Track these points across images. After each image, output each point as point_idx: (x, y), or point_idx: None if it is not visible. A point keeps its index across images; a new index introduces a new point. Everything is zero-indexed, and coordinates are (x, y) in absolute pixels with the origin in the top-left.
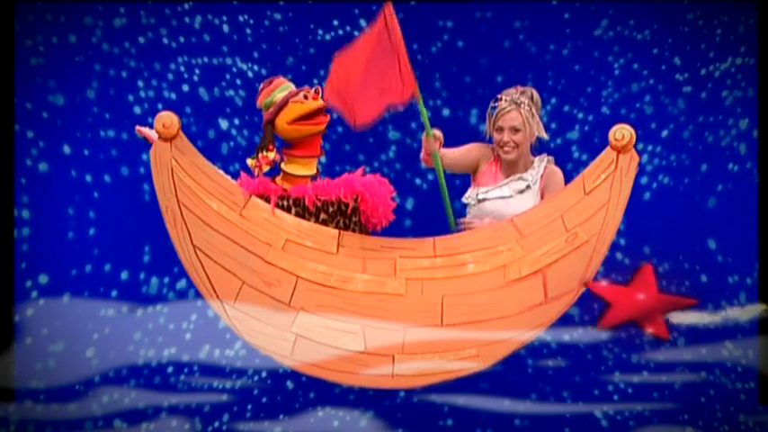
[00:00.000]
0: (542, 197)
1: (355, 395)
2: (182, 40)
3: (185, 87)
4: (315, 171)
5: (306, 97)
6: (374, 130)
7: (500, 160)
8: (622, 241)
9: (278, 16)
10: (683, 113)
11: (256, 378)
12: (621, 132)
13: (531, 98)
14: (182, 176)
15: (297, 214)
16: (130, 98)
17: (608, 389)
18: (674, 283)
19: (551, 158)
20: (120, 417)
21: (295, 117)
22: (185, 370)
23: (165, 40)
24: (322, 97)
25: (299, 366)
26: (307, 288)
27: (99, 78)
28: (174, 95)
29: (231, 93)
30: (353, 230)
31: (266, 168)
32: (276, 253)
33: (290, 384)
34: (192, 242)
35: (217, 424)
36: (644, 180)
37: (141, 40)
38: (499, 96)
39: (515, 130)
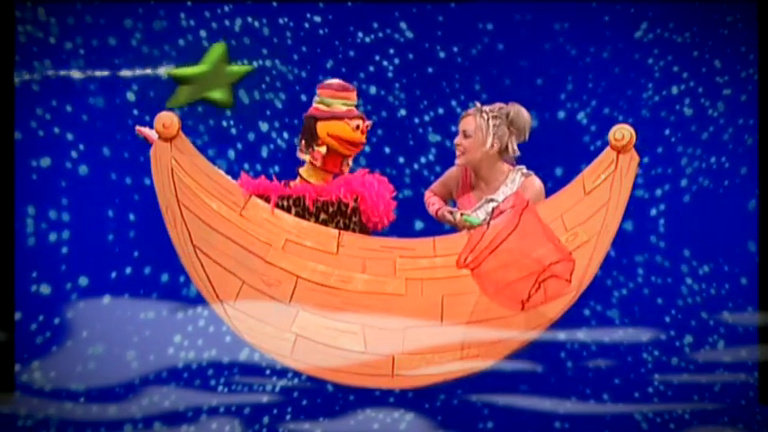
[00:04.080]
0: None
1: (395, 397)
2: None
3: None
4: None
5: (358, 127)
6: (414, 132)
7: (468, 178)
8: (662, 244)
9: (317, 19)
10: (723, 116)
11: (296, 380)
12: (621, 132)
13: (507, 116)
14: (182, 176)
15: (297, 214)
16: None
17: (648, 391)
18: (715, 286)
19: (529, 172)
20: (160, 419)
21: (338, 134)
22: (225, 372)
23: (205, 43)
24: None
25: (299, 366)
26: (307, 288)
27: (139, 81)
28: None
29: (271, 95)
30: (353, 230)
31: (318, 163)
32: (276, 253)
33: (329, 386)
34: (192, 242)
35: (257, 426)
36: (684, 182)
37: (181, 42)
38: (472, 103)
39: (465, 134)
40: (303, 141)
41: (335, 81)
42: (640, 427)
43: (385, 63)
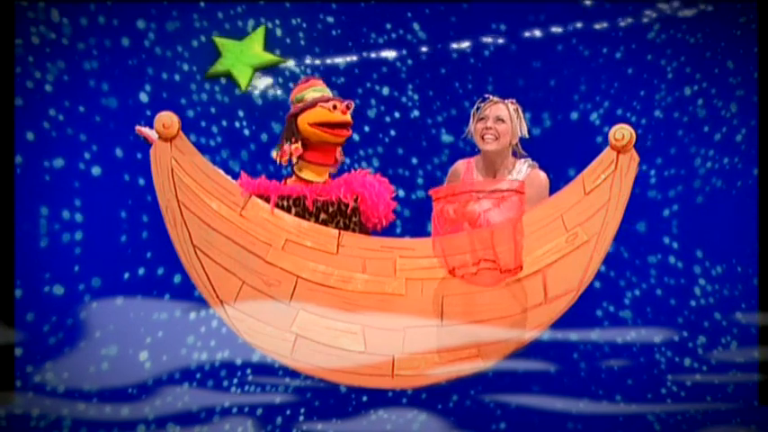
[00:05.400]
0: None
1: (408, 398)
2: None
3: (238, 91)
4: (325, 179)
5: (335, 107)
6: (427, 133)
7: (475, 167)
8: (675, 245)
9: (330, 20)
10: (735, 117)
11: (309, 381)
12: (621, 132)
13: (519, 109)
14: (182, 176)
15: (297, 214)
16: (183, 101)
17: (661, 391)
18: (728, 287)
19: (534, 163)
20: (173, 420)
21: (317, 121)
22: (238, 373)
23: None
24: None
25: (299, 366)
26: (307, 288)
27: (152, 82)
28: (226, 99)
29: (284, 96)
30: (353, 230)
31: (289, 159)
32: (276, 253)
33: (342, 387)
34: (192, 242)
35: (270, 427)
36: (697, 183)
37: (194, 43)
38: (485, 96)
39: (500, 119)
40: (282, 142)
41: (302, 78)
42: (653, 428)
43: (398, 64)
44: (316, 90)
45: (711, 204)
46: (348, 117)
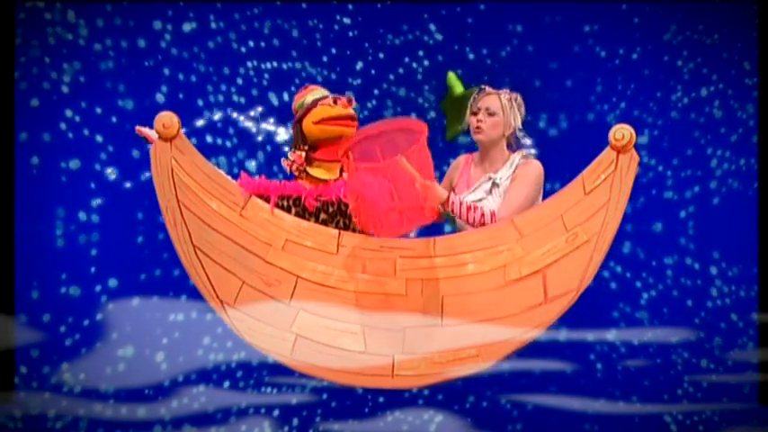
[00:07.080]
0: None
1: (424, 399)
2: (251, 44)
3: (254, 92)
4: (337, 176)
5: (335, 102)
6: (443, 134)
7: (471, 162)
8: (691, 246)
9: (347, 20)
10: (752, 118)
11: (325, 382)
12: (621, 132)
13: (516, 99)
14: (182, 176)
15: (297, 214)
16: (200, 103)
17: (677, 392)
18: (744, 288)
19: (528, 154)
20: (190, 421)
21: (321, 118)
22: (254, 374)
23: (235, 45)
24: (355, 107)
25: (299, 366)
26: (307, 288)
27: (168, 83)
28: (243, 100)
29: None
30: (353, 230)
31: (300, 167)
32: (276, 253)
33: (359, 388)
34: (192, 242)
35: (286, 428)
36: (713, 184)
37: (211, 44)
38: (482, 87)
39: (490, 112)
40: (293, 149)
41: (301, 88)
42: (669, 429)
43: (414, 65)
44: (314, 94)
45: (728, 206)
46: (350, 111)
